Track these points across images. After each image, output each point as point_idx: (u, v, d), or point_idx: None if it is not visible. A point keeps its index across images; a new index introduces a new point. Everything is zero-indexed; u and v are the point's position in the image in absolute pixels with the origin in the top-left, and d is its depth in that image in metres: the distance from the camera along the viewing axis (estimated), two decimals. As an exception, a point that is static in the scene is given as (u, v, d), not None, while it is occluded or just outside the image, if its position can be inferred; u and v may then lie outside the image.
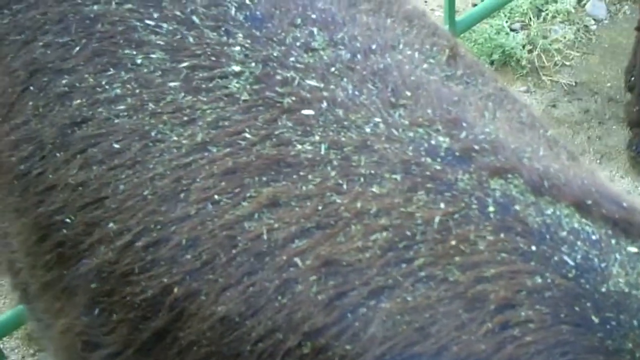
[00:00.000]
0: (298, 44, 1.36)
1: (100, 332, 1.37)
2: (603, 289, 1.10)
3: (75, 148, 1.39)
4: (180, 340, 1.29)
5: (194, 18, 1.41)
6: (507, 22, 4.92)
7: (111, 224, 1.35)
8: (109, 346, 1.37)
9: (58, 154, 1.40)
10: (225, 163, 1.29)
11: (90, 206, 1.37)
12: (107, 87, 1.40)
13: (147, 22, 1.42)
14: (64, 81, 1.43)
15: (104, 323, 1.37)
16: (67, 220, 1.38)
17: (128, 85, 1.39)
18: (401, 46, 1.42)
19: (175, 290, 1.28)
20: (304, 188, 1.24)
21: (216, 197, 1.28)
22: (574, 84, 4.63)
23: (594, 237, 1.14)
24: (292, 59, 1.35)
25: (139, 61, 1.39)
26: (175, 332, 1.30)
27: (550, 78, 4.67)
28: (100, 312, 1.37)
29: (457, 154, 1.23)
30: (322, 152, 1.26)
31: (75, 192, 1.37)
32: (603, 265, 1.12)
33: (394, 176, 1.22)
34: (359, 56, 1.36)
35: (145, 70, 1.39)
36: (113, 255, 1.34)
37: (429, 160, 1.23)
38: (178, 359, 1.30)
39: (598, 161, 4.19)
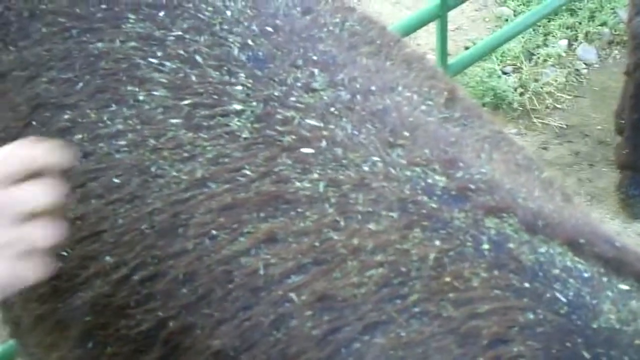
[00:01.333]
0: (299, 84, 1.39)
1: (95, 365, 1.37)
2: (594, 325, 1.12)
3: (75, 182, 1.40)
4: None
5: (197, 57, 1.43)
6: (499, 65, 4.98)
7: (108, 258, 1.36)
8: (102, 380, 1.37)
9: (57, 189, 1.41)
10: (224, 199, 1.30)
11: (88, 240, 1.38)
12: (108, 122, 1.42)
13: (151, 60, 1.44)
14: (66, 116, 1.45)
15: (97, 356, 1.37)
16: (64, 253, 1.39)
17: (129, 121, 1.40)
18: (400, 88, 1.45)
19: (171, 324, 1.29)
20: (301, 224, 1.26)
21: (214, 232, 1.30)
22: (564, 126, 4.67)
23: (586, 275, 1.16)
24: (292, 98, 1.37)
25: (141, 98, 1.41)
26: None
27: (541, 121, 4.71)
28: (94, 346, 1.37)
29: (453, 192, 1.25)
30: (321, 189, 1.28)
31: (73, 226, 1.37)
32: (594, 302, 1.13)
33: (390, 214, 1.24)
34: (358, 97, 1.38)
35: (147, 107, 1.41)
36: (109, 288, 1.35)
37: (425, 198, 1.25)
38: None
39: (588, 203, 4.21)
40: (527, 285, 1.15)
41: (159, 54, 1.44)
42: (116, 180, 1.37)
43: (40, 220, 1.11)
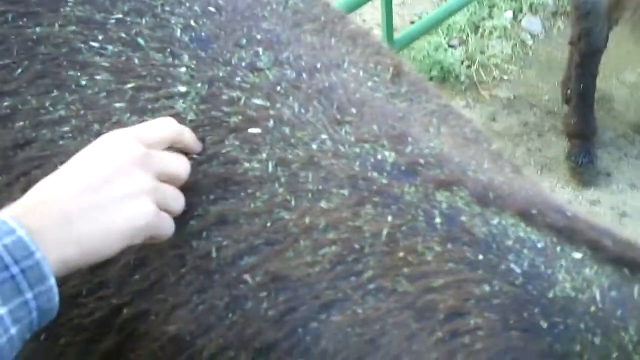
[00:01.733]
0: (244, 64, 1.37)
1: (47, 357, 1.35)
2: (550, 295, 1.12)
3: (18, 170, 1.37)
4: None
5: (139, 40, 1.40)
6: (445, 38, 5.00)
7: None
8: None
9: (0, 177, 1.38)
10: (173, 183, 1.28)
11: None
12: (50, 108, 1.38)
13: (92, 43, 1.41)
14: (5, 103, 1.41)
15: (50, 348, 1.35)
16: None
17: (72, 107, 1.38)
18: (346, 65, 1.43)
19: (125, 311, 1.27)
20: (252, 205, 1.25)
21: None
22: (512, 97, 4.71)
23: (539, 245, 1.17)
24: (237, 78, 1.35)
25: (83, 82, 1.38)
26: (125, 354, 1.29)
27: (489, 92, 4.75)
28: (47, 338, 1.34)
29: (403, 168, 1.25)
30: (270, 169, 1.26)
31: (18, 215, 1.35)
32: (549, 271, 1.14)
33: (341, 191, 1.23)
34: (304, 75, 1.37)
35: (90, 91, 1.38)
36: (59, 278, 1.32)
37: (375, 174, 1.24)
38: None
39: (539, 172, 4.27)
40: (481, 257, 1.16)
41: (100, 37, 1.41)
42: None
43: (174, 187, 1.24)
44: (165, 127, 1.25)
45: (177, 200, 1.24)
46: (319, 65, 1.39)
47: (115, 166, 1.16)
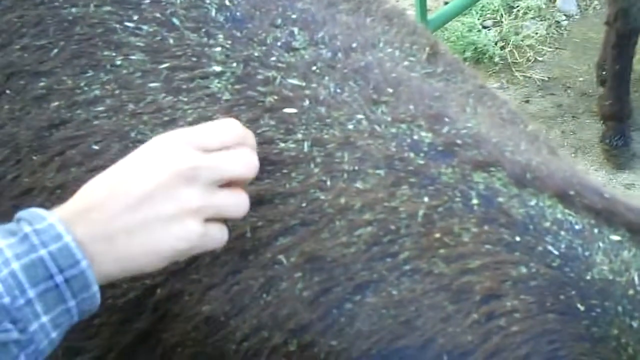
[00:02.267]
0: (279, 43, 1.36)
1: (81, 337, 1.36)
2: (587, 277, 1.11)
3: (53, 150, 1.38)
4: (164, 342, 1.29)
5: (174, 20, 1.40)
6: (479, 19, 4.96)
7: None
8: (90, 351, 1.36)
9: (35, 157, 1.39)
10: (208, 163, 1.28)
11: None
12: (85, 88, 1.39)
13: (127, 24, 1.41)
14: (41, 84, 1.42)
15: (84, 328, 1.36)
16: None
17: (107, 87, 1.38)
18: (381, 44, 1.42)
19: (159, 291, 1.28)
20: (287, 186, 1.25)
21: None
22: (546, 79, 4.67)
23: (577, 227, 1.15)
24: (273, 58, 1.34)
25: (118, 62, 1.39)
26: (158, 334, 1.29)
27: (523, 74, 4.71)
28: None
29: (439, 148, 1.24)
30: (305, 149, 1.26)
31: (53, 195, 1.36)
32: (587, 253, 1.13)
33: (377, 172, 1.23)
34: (339, 55, 1.36)
35: (125, 71, 1.38)
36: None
37: (412, 155, 1.23)
38: None
39: (573, 155, 4.23)
40: (518, 239, 1.14)
41: (135, 17, 1.41)
42: (95, 147, 1.35)
43: (234, 190, 1.16)
44: (226, 131, 1.17)
45: (237, 206, 1.17)
46: (354, 45, 1.38)
47: (160, 181, 1.10)
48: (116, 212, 1.09)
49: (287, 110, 1.29)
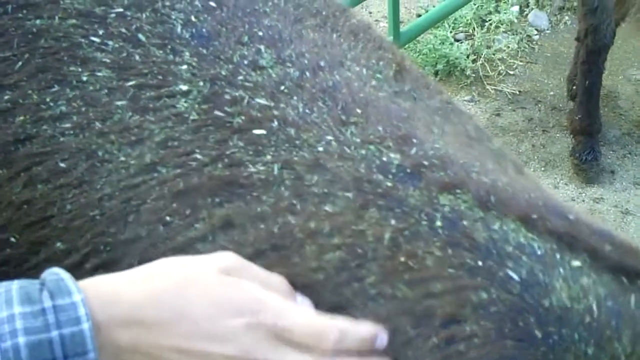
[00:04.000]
0: (246, 62, 1.35)
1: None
2: (546, 304, 1.11)
3: (19, 166, 1.35)
4: None
5: (140, 36, 1.39)
6: (451, 32, 4.99)
7: (59, 244, 1.33)
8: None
9: (1, 171, 1.37)
10: (177, 184, 1.27)
11: (36, 225, 1.34)
12: (51, 104, 1.37)
13: (93, 38, 1.39)
14: (6, 97, 1.40)
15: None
16: (12, 239, 1.35)
17: (74, 103, 1.36)
18: (349, 62, 1.41)
19: None
20: (257, 209, 1.23)
21: (167, 218, 1.26)
22: (517, 92, 4.70)
23: (539, 252, 1.15)
24: (240, 77, 1.33)
25: (84, 78, 1.37)
26: None
27: (494, 87, 4.73)
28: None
29: (407, 170, 1.23)
30: (275, 172, 1.25)
31: (19, 211, 1.34)
32: (547, 280, 1.12)
33: (346, 194, 1.22)
34: (307, 74, 1.35)
35: (92, 88, 1.36)
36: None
37: (380, 177, 1.22)
38: None
39: (542, 169, 4.25)
40: (480, 263, 1.14)
41: (101, 32, 1.39)
42: (62, 165, 1.33)
43: None
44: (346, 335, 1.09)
45: None
46: (322, 64, 1.37)
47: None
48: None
49: (256, 131, 1.28)
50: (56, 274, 1.03)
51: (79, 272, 1.29)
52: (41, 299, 0.98)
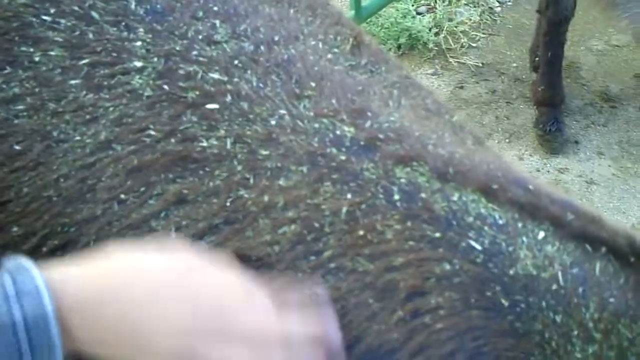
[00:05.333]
0: (200, 37, 1.34)
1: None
2: (511, 273, 1.11)
3: (-27, 150, 1.34)
4: None
5: (93, 13, 1.37)
6: (413, 5, 4.97)
7: (16, 228, 1.31)
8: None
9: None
10: (131, 161, 1.26)
11: None
12: (4, 86, 1.35)
13: (44, 17, 1.37)
14: (-46, 80, 1.38)
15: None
16: None
17: (27, 84, 1.34)
18: (304, 37, 1.41)
19: None
20: (210, 184, 1.23)
21: (122, 196, 1.26)
22: (480, 65, 4.70)
23: (500, 222, 1.15)
24: (194, 52, 1.32)
25: (37, 59, 1.35)
26: None
27: (457, 60, 4.73)
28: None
29: (362, 143, 1.23)
30: (228, 146, 1.24)
31: (-23, 196, 1.32)
32: (511, 249, 1.13)
33: (300, 168, 1.22)
34: (262, 48, 1.34)
35: (44, 68, 1.34)
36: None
37: (334, 150, 1.22)
38: None
39: (507, 140, 4.27)
40: (441, 235, 1.14)
41: (52, 10, 1.37)
42: (17, 147, 1.31)
43: None
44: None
45: None
46: (277, 38, 1.37)
47: None
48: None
49: (210, 106, 1.27)
50: (17, 260, 1.00)
51: (36, 255, 1.28)
52: (3, 284, 0.95)
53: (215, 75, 1.30)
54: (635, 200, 3.97)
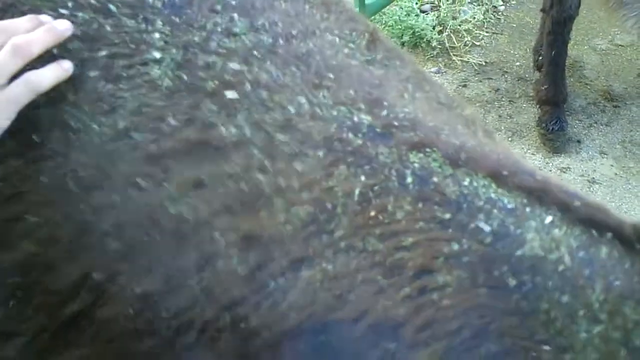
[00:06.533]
0: (219, 29, 1.37)
1: (16, 321, 1.35)
2: (519, 253, 1.14)
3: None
4: (97, 322, 1.29)
5: (111, 6, 1.39)
6: (416, 3, 5.00)
7: (35, 218, 1.33)
8: (24, 334, 1.35)
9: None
10: (149, 149, 1.29)
11: (10, 201, 1.35)
12: None
13: (61, 11, 1.39)
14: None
15: (20, 312, 1.35)
16: None
17: None
18: (321, 32, 1.44)
19: (95, 275, 1.28)
20: (228, 169, 1.25)
21: (140, 183, 1.28)
22: (484, 63, 4.73)
23: (509, 206, 1.18)
24: (213, 43, 1.35)
25: (55, 52, 1.37)
26: (92, 315, 1.29)
27: (460, 58, 4.76)
28: (17, 302, 1.34)
29: (378, 130, 1.26)
30: (247, 133, 1.27)
31: (-7, 185, 1.34)
32: (518, 231, 1.16)
33: (317, 152, 1.25)
34: (280, 41, 1.37)
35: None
36: (36, 248, 1.32)
37: (351, 136, 1.25)
38: (94, 339, 1.30)
39: (509, 139, 4.29)
40: (451, 216, 1.17)
41: (70, 4, 1.39)
42: (35, 138, 1.34)
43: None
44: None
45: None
46: (294, 32, 1.39)
47: None
48: None
49: (229, 95, 1.29)
50: None
51: (51, 244, 1.30)
52: None
53: (235, 65, 1.32)
54: (637, 199, 3.99)
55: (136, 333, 1.25)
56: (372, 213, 1.19)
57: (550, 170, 4.13)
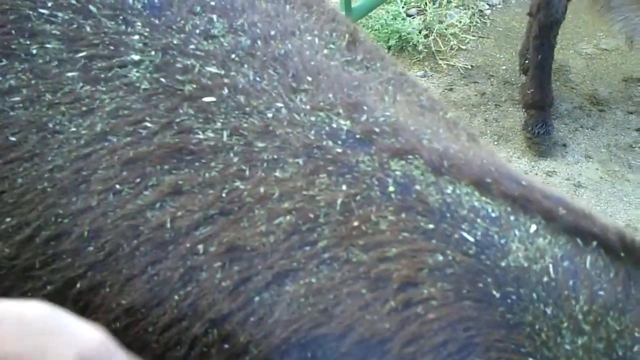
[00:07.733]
0: (197, 31, 1.35)
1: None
2: (503, 264, 1.13)
3: (-33, 143, 1.34)
4: None
5: (91, 7, 1.38)
6: (403, 7, 4.99)
7: (9, 219, 1.31)
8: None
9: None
10: (126, 153, 1.27)
11: None
12: (0, 78, 1.35)
13: (41, 10, 1.38)
14: (-50, 73, 1.38)
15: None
16: None
17: (23, 76, 1.35)
18: (301, 32, 1.42)
19: (79, 284, 1.26)
20: (206, 175, 1.24)
21: (118, 187, 1.26)
22: (470, 67, 4.73)
23: (493, 215, 1.17)
24: (192, 46, 1.33)
25: (33, 51, 1.35)
26: None
27: (446, 62, 4.75)
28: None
29: (357, 136, 1.24)
30: (224, 138, 1.25)
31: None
32: (503, 241, 1.15)
33: (296, 160, 1.23)
34: (259, 42, 1.35)
35: (41, 60, 1.35)
36: (12, 250, 1.30)
37: (330, 143, 1.24)
38: None
39: (495, 143, 4.29)
40: (434, 226, 1.16)
41: (50, 4, 1.38)
42: (12, 139, 1.32)
43: None
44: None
45: None
46: (273, 33, 1.38)
47: None
48: None
49: (206, 99, 1.28)
50: None
51: (30, 246, 1.29)
52: None
53: (213, 69, 1.31)
54: (622, 203, 3.99)
55: (126, 348, 1.23)
56: (355, 223, 1.17)
57: (536, 174, 4.12)
